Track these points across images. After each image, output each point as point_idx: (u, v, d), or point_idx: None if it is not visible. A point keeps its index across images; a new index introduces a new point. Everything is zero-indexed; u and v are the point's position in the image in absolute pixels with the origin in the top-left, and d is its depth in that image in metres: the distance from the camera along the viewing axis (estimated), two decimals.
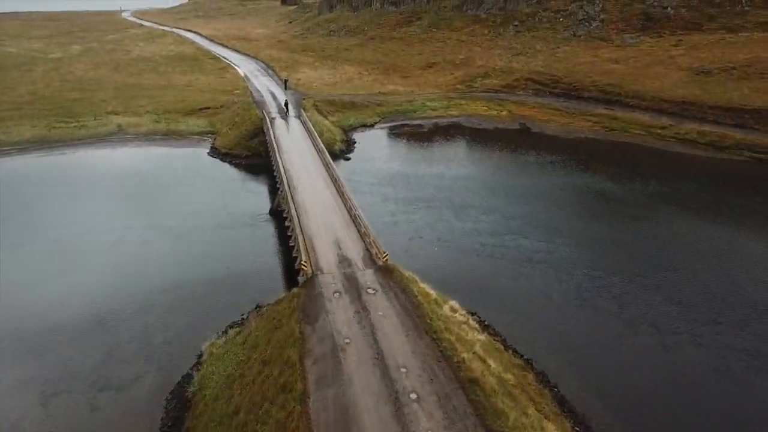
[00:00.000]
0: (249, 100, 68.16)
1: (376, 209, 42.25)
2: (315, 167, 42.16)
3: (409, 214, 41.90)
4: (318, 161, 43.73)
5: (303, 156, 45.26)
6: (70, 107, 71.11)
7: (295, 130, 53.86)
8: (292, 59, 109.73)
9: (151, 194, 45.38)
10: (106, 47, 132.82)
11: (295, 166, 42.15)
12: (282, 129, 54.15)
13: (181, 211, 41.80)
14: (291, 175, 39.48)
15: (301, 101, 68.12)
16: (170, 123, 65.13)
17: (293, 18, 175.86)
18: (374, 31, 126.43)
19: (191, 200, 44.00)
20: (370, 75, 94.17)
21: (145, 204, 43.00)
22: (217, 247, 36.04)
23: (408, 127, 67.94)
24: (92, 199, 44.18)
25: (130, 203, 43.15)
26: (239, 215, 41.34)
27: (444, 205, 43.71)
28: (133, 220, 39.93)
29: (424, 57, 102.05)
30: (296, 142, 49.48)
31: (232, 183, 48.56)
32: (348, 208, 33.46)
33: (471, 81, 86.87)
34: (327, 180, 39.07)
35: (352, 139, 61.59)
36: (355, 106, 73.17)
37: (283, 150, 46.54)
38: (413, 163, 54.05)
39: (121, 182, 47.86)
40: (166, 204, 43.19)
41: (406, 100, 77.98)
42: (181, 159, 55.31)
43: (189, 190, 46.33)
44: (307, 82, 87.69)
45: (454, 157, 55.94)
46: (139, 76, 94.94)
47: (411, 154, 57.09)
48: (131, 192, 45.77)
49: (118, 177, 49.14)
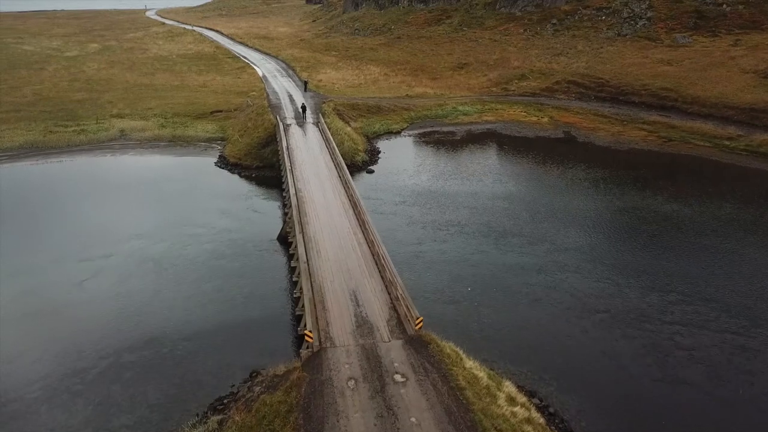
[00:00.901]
0: (264, 104, 62.12)
1: (401, 235, 35.72)
2: (332, 187, 35.75)
3: (438, 243, 35.27)
4: (336, 179, 37.35)
5: (319, 172, 38.92)
6: (73, 109, 65.91)
7: (312, 140, 47.57)
8: (314, 59, 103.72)
9: (143, 213, 39.43)
10: (124, 45, 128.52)
11: (308, 185, 35.81)
12: (297, 138, 47.93)
13: (175, 234, 35.72)
14: (303, 198, 33.10)
15: (320, 105, 61.84)
16: (177, 128, 59.37)
17: (317, 16, 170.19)
18: (401, 30, 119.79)
19: (188, 221, 37.92)
20: (396, 76, 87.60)
21: (134, 225, 37.03)
22: (211, 286, 29.81)
23: (438, 135, 61.20)
24: (74, 217, 38.40)
25: (116, 224, 37.22)
26: (243, 241, 35.12)
27: (480, 231, 36.96)
28: (116, 245, 33.95)
29: (455, 57, 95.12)
30: (312, 154, 43.20)
31: (238, 200, 42.39)
32: (369, 243, 27.02)
33: (506, 83, 79.73)
34: (345, 204, 32.61)
35: (377, 148, 55.06)
36: (380, 111, 66.68)
37: (297, 164, 40.27)
38: (444, 177, 47.35)
39: (112, 197, 42.05)
40: (159, 226, 37.16)
41: (435, 103, 71.22)
42: (185, 169, 49.42)
43: (187, 209, 40.28)
44: (328, 84, 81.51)
45: (490, 171, 49.07)
46: (153, 75, 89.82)
47: (442, 166, 50.37)
48: (120, 210, 39.89)
49: (109, 191, 43.37)
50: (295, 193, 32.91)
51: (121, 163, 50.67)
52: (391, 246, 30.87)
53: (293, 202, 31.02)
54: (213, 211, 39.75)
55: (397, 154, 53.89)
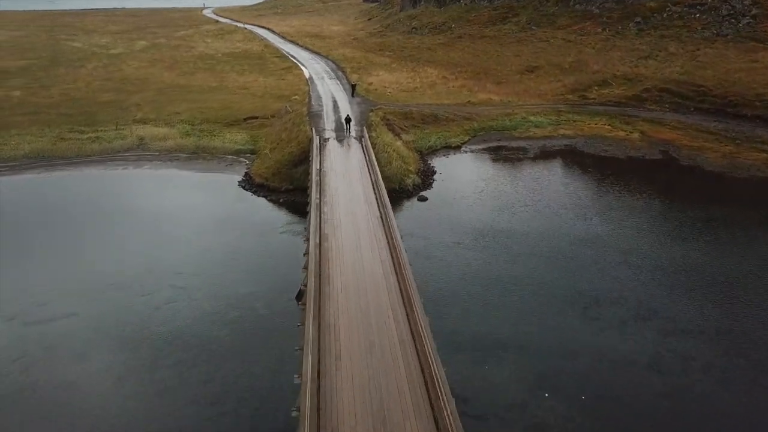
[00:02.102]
0: (303, 111, 53.77)
1: (453, 298, 26.50)
2: (370, 235, 26.38)
3: (504, 309, 25.87)
4: (376, 221, 28.13)
5: (354, 210, 29.86)
6: (96, 112, 59.52)
7: (352, 161, 38.70)
8: (366, 59, 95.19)
9: (131, 252, 31.47)
10: (172, 43, 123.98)
11: (338, 231, 26.73)
12: (334, 158, 39.19)
13: (164, 286, 27.55)
14: (327, 253, 23.94)
15: (367, 114, 52.95)
16: (203, 137, 51.76)
17: (373, 15, 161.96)
18: (462, 29, 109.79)
19: (187, 265, 29.74)
20: (456, 80, 77.90)
21: (115, 269, 29.10)
22: (196, 375, 21.30)
23: (506, 151, 51.28)
24: (44, 254, 30.82)
25: (93, 266, 29.39)
26: (253, 298, 26.63)
27: (562, 295, 27.25)
28: (85, 299, 26.01)
29: (523, 59, 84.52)
30: (349, 182, 34.33)
31: (258, 234, 33.97)
32: (415, 335, 17.82)
33: (584, 90, 68.80)
34: (385, 263, 23.30)
35: (431, 167, 45.68)
36: (437, 121, 57.28)
37: (327, 196, 31.44)
38: (512, 209, 37.64)
39: (102, 227, 34.42)
40: (148, 270, 29.08)
41: (502, 113, 61.23)
42: (201, 191, 41.49)
43: (190, 247, 32.14)
44: (380, 88, 72.68)
45: (571, 203, 38.96)
46: (192, 75, 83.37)
47: (510, 193, 40.62)
48: (106, 245, 32.11)
49: (102, 217, 35.82)
50: (318, 244, 23.86)
51: (130, 180, 43.25)
52: (441, 313, 21.98)
53: (312, 258, 22.04)
54: (222, 252, 31.42)
55: (455, 176, 44.37)
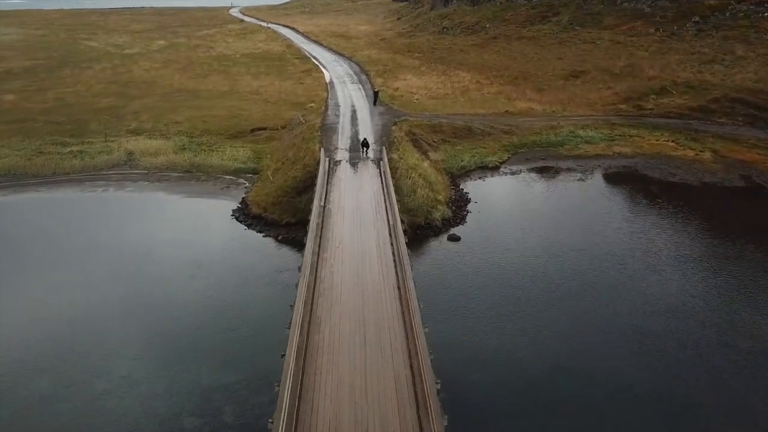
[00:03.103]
0: (316, 124, 46.58)
1: (490, 400, 18.79)
2: (381, 319, 18.81)
3: (566, 418, 18.15)
4: (391, 292, 20.49)
5: (362, 270, 22.30)
6: (87, 121, 53.28)
7: (366, 191, 31.19)
8: (393, 61, 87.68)
9: (72, 311, 24.48)
10: (192, 43, 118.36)
11: (335, 314, 19.04)
12: (344, 187, 31.79)
13: (93, 376, 20.42)
14: (315, 348, 16.43)
15: (390, 128, 45.42)
16: (200, 152, 44.92)
17: (402, 14, 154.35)
18: (498, 29, 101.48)
19: (133, 342, 22.58)
20: (492, 85, 69.88)
21: (40, 340, 22.11)
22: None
23: (552, 173, 43.22)
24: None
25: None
26: (219, 397, 19.33)
27: (642, 405, 19.35)
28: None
29: (567, 63, 75.95)
30: (359, 225, 26.89)
31: (239, 291, 26.67)
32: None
33: (640, 99, 60.14)
34: (400, 360, 15.68)
35: (465, 195, 37.88)
36: (471, 135, 49.49)
37: (329, 243, 24.12)
38: (566, 257, 29.73)
39: (46, 270, 27.53)
40: (72, 349, 22.02)
41: (546, 125, 53.10)
42: (188, 221, 34.47)
43: (148, 311, 24.98)
44: (406, 94, 65.12)
45: (641, 249, 30.84)
46: (204, 78, 76.97)
47: (562, 233, 32.68)
48: (40, 299, 25.17)
49: (54, 255, 29.03)
50: (299, 335, 16.26)
51: (105, 206, 36.50)
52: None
53: (288, 375, 14.50)
54: (187, 320, 24.19)
55: (493, 207, 36.48)
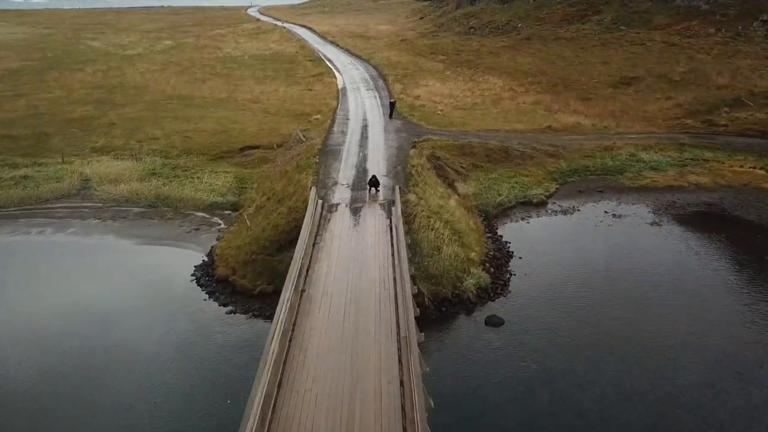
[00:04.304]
0: (316, 144, 37.62)
1: None
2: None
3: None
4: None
5: (348, 419, 13.26)
6: (50, 136, 45.11)
7: (368, 259, 21.88)
8: (414, 65, 78.61)
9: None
10: (200, 43, 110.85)
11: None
12: (337, 251, 22.60)
13: None
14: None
15: (408, 150, 36.21)
16: (172, 179, 36.26)
17: (425, 13, 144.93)
18: (531, 29, 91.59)
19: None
20: (528, 93, 60.33)
21: None
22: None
23: (615, 212, 33.58)
24: None
25: None
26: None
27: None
28: None
29: (614, 68, 65.94)
30: (354, 328, 17.67)
31: (172, 420, 17.70)
32: None
33: (709, 113, 50.10)
34: None
35: (506, 247, 28.49)
36: (507, 157, 40.11)
37: (300, 369, 15.01)
38: (663, 358, 20.33)
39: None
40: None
41: (599, 145, 43.46)
42: (133, 282, 25.66)
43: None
44: (429, 103, 56.03)
45: (757, 343, 21.23)
46: (202, 83, 68.70)
47: (645, 314, 23.28)
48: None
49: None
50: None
51: (30, 258, 27.89)
52: None
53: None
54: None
55: (544, 266, 27.03)
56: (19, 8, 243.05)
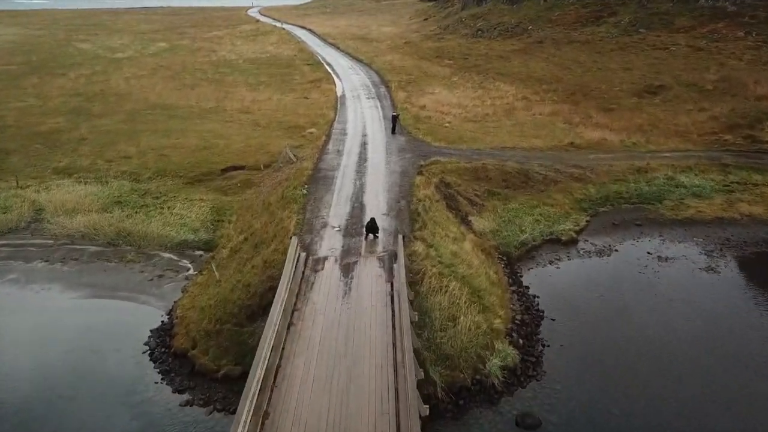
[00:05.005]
0: (307, 168, 32.41)
1: None
2: None
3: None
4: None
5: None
6: (9, 153, 40.06)
7: (359, 338, 16.71)
8: (418, 69, 73.44)
9: None
10: (195, 45, 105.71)
11: None
12: (319, 333, 17.36)
13: None
14: None
15: (413, 177, 30.98)
16: (139, 209, 31.10)
17: (429, 14, 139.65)
18: (543, 31, 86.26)
19: None
20: (544, 103, 55.03)
21: None
22: None
23: (658, 249, 28.32)
24: None
25: None
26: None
27: None
28: None
29: (637, 75, 60.59)
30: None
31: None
32: None
33: (751, 127, 44.73)
34: None
35: (534, 302, 23.29)
36: (527, 183, 34.82)
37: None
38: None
39: None
40: None
41: (630, 166, 38.13)
42: (64, 360, 20.46)
43: None
44: (436, 114, 50.82)
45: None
46: (191, 89, 63.61)
47: (711, 393, 18.05)
48: None
49: None
50: None
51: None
52: None
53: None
54: None
55: (580, 328, 21.82)
56: (17, 8, 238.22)
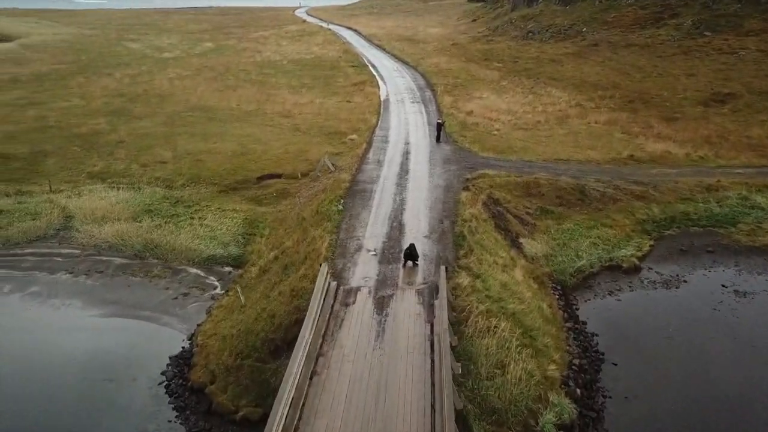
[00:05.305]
0: (344, 181, 30.41)
1: None
2: None
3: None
4: None
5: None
6: (44, 157, 39.51)
7: (395, 410, 14.49)
8: (466, 72, 70.80)
9: None
10: (241, 45, 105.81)
11: None
12: (340, 395, 15.11)
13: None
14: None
15: (459, 192, 28.60)
16: (169, 219, 29.73)
17: (478, 15, 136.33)
18: (598, 34, 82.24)
19: None
20: (600, 111, 51.65)
21: None
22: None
23: (734, 282, 25.15)
24: None
25: None
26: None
27: None
28: None
29: (703, 81, 56.45)
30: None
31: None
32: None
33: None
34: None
35: (593, 342, 20.65)
36: (584, 199, 31.95)
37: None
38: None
39: None
40: None
41: (697, 183, 34.73)
42: (68, 395, 18.92)
43: None
44: (483, 120, 48.21)
45: None
46: (233, 91, 62.78)
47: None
48: None
49: None
50: None
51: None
52: None
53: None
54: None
55: (647, 377, 19.08)
56: (76, 8, 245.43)
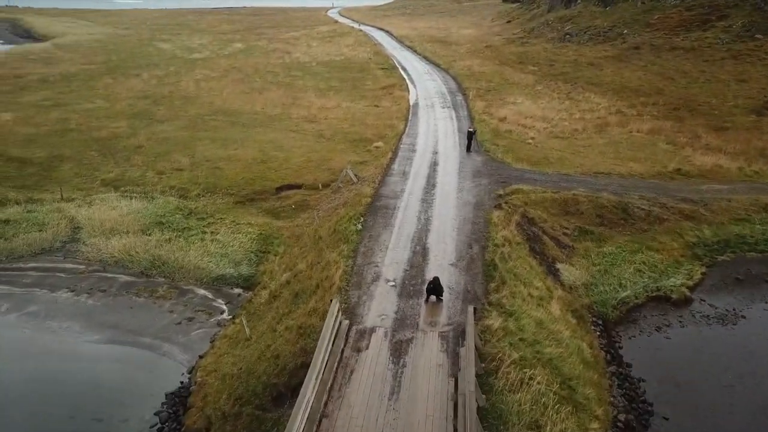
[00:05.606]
0: (366, 195, 28.29)
1: None
2: None
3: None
4: None
5: None
6: (60, 162, 38.35)
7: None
8: (499, 76, 68.15)
9: None
10: (271, 46, 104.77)
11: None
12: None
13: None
14: None
15: (490, 211, 26.18)
16: (180, 232, 28.06)
17: (513, 16, 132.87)
18: (640, 36, 78.42)
19: None
20: (642, 119, 48.46)
21: None
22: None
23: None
24: None
25: None
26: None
27: None
28: None
29: (754, 88, 52.67)
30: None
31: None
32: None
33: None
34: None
35: (639, 390, 18.12)
36: (627, 219, 29.20)
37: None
38: None
39: None
40: None
41: (753, 202, 31.65)
42: (65, 419, 17.24)
43: None
44: (517, 128, 45.62)
45: None
46: (259, 93, 61.35)
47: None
48: None
49: None
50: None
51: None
52: None
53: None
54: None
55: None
56: (111, 8, 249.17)
